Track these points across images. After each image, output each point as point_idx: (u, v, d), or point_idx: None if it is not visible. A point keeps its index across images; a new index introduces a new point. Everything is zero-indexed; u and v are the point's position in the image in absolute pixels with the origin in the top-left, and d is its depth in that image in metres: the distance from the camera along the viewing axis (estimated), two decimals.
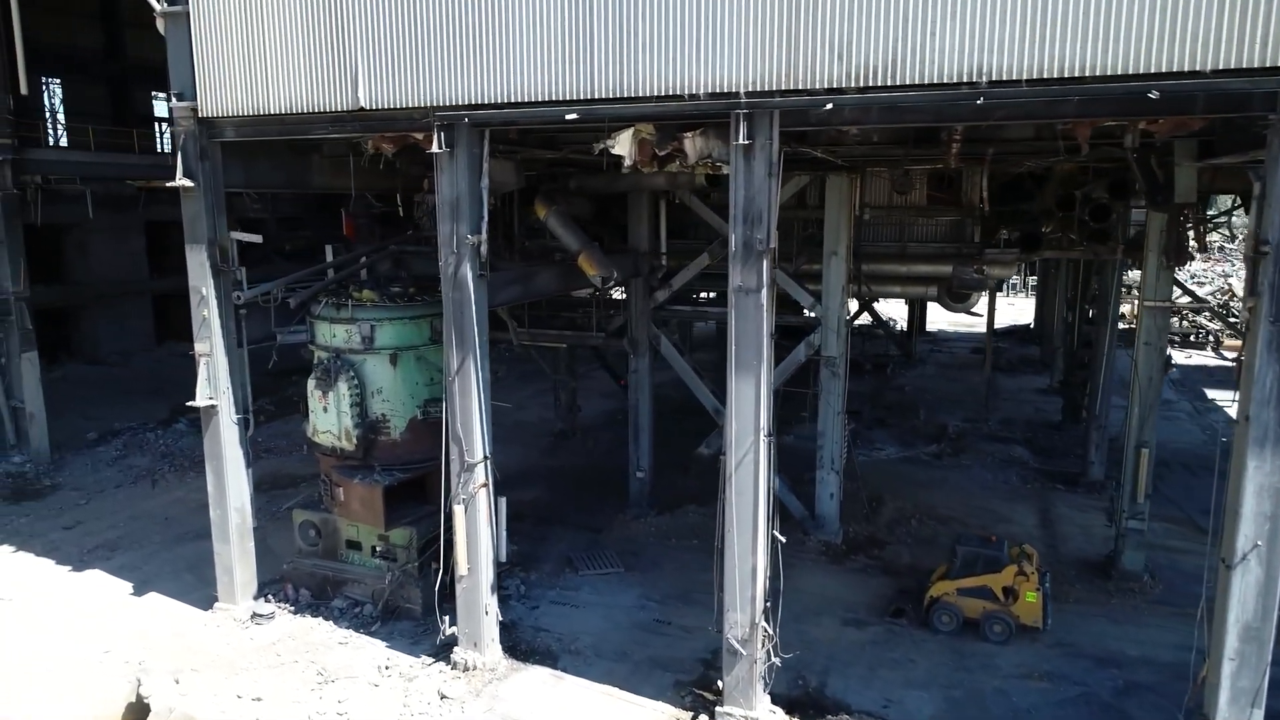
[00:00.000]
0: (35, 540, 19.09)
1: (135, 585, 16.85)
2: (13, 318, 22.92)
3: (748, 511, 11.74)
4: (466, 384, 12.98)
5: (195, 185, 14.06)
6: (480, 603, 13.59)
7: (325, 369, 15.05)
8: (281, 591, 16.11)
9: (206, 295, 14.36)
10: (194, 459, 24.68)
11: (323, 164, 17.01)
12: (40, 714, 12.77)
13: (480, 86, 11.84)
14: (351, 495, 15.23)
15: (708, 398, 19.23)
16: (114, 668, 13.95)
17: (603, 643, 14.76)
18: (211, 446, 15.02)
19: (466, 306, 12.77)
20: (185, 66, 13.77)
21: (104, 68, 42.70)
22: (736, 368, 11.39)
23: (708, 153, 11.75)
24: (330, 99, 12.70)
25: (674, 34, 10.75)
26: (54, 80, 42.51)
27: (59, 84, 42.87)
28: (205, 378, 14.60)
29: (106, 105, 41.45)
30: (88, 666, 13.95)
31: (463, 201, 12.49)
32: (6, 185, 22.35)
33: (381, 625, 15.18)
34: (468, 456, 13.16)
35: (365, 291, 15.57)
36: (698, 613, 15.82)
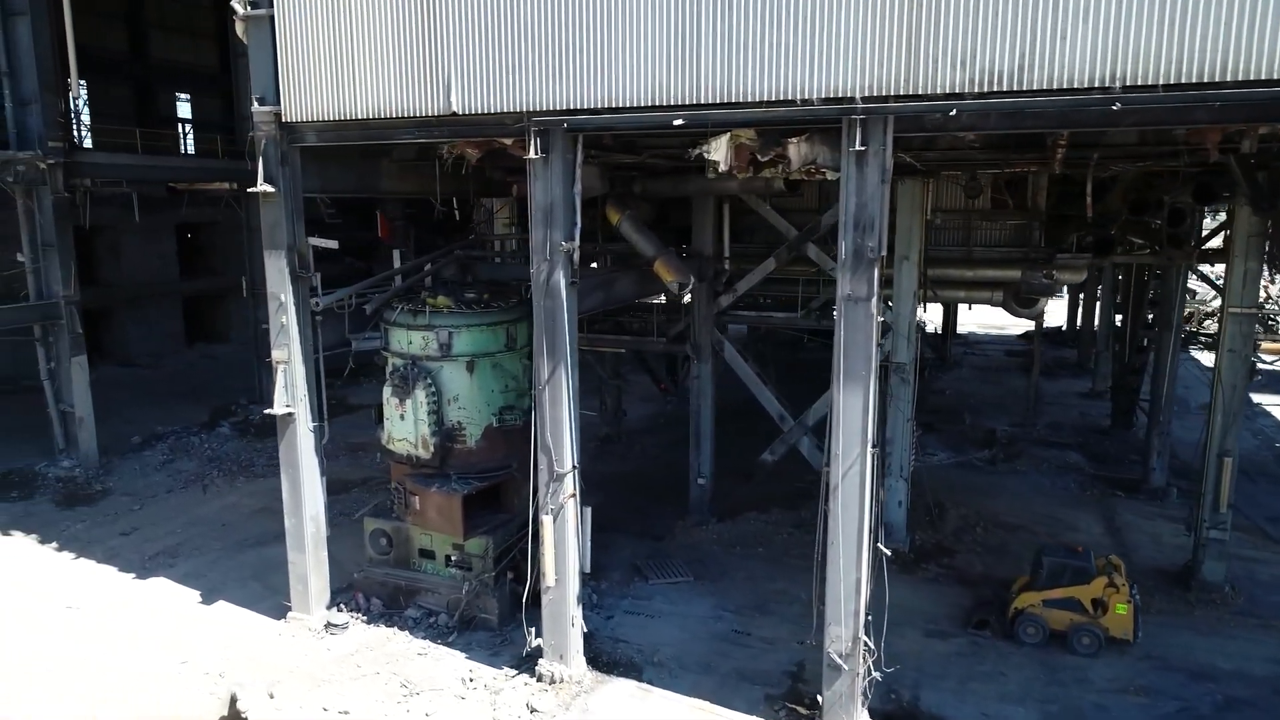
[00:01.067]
0: (94, 546, 18.94)
1: (203, 594, 16.68)
2: (63, 321, 22.77)
3: (853, 524, 11.52)
4: (557, 393, 12.78)
5: (276, 190, 13.87)
6: (566, 614, 13.40)
7: (402, 376, 14.86)
8: (353, 600, 15.94)
9: (285, 302, 14.17)
10: (241, 464, 24.63)
11: (390, 168, 16.82)
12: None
13: (579, 91, 11.64)
14: (428, 504, 15.04)
15: (772, 404, 19.04)
16: (194, 679, 13.78)
17: (684, 654, 14.55)
18: (288, 455, 14.83)
19: (559, 314, 12.57)
20: (268, 70, 13.61)
21: (128, 69, 42.68)
22: (844, 377, 11.19)
23: (812, 158, 11.54)
24: (421, 103, 12.51)
25: (786, 39, 10.54)
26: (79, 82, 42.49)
27: (84, 85, 42.89)
28: (283, 385, 14.41)
29: (130, 106, 41.36)
30: (169, 678, 13.77)
31: (556, 208, 12.30)
32: (58, 188, 22.18)
33: (458, 636, 14.98)
34: (557, 466, 12.96)
35: (440, 297, 15.39)
36: (775, 624, 15.68)
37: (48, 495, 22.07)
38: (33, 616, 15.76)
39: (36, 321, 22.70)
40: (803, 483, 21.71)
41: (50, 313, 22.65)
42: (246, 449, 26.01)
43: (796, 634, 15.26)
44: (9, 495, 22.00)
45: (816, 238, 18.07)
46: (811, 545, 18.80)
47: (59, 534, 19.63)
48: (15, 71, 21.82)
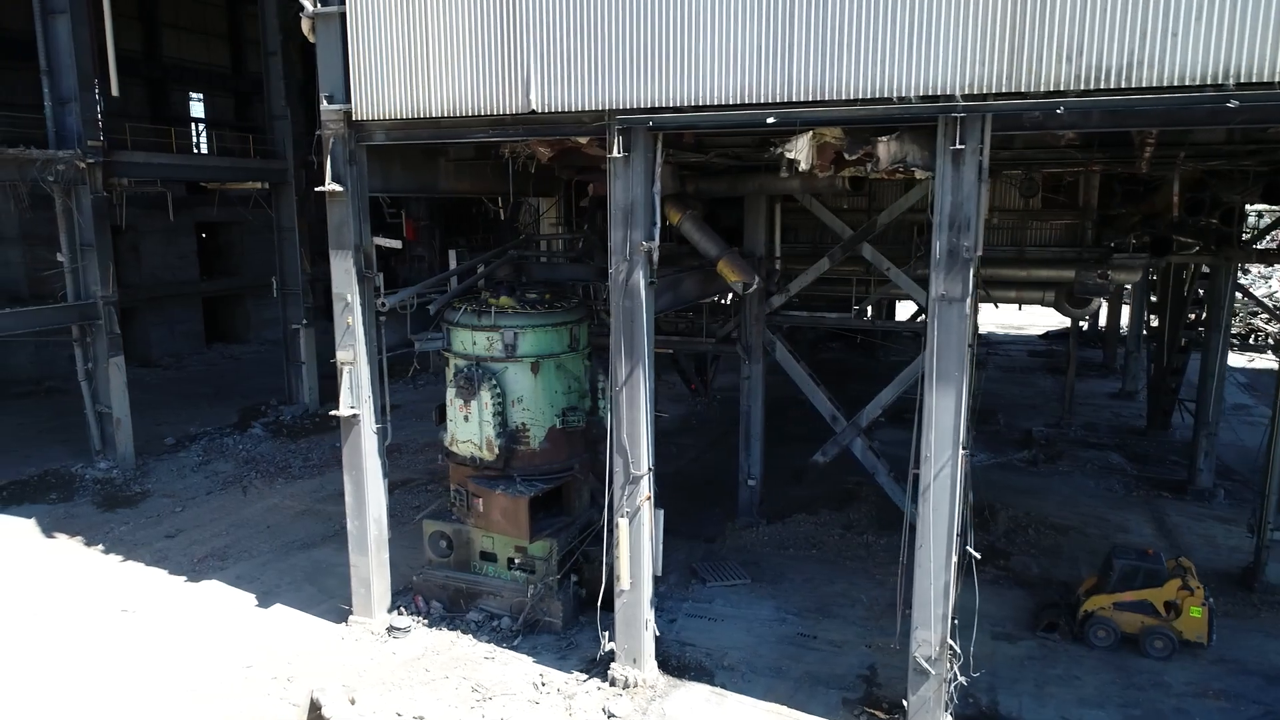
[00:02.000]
0: (141, 549, 18.78)
1: (258, 597, 16.52)
2: (101, 322, 22.60)
3: (943, 527, 11.39)
4: (635, 395, 12.65)
5: (344, 190, 13.72)
6: (640, 617, 13.27)
7: (467, 377, 14.71)
8: (412, 604, 15.79)
9: (351, 302, 14.02)
10: (278, 465, 24.48)
11: (448, 168, 16.66)
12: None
13: (664, 89, 11.50)
14: (492, 506, 14.89)
15: (825, 405, 18.89)
16: (262, 684, 13.63)
17: (754, 658, 14.41)
18: (351, 457, 14.68)
19: (638, 315, 12.43)
20: (337, 69, 13.45)
21: (142, 68, 42.52)
22: (937, 379, 11.06)
23: (901, 157, 11.41)
24: (499, 102, 12.36)
25: (885, 36, 10.41)
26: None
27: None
28: (348, 387, 14.26)
29: (145, 106, 41.17)
30: (237, 683, 13.62)
31: (637, 207, 12.16)
32: (97, 188, 22.02)
33: (523, 639, 14.83)
34: (633, 468, 12.82)
35: (503, 298, 15.24)
36: (839, 626, 15.56)
37: (87, 497, 21.91)
38: (90, 620, 15.60)
39: (75, 322, 22.53)
40: (847, 484, 21.67)
41: (89, 313, 22.49)
42: (281, 450, 25.84)
43: (863, 636, 15.18)
44: (48, 497, 21.83)
45: (872, 237, 17.94)
46: (864, 547, 18.86)
47: (104, 536, 19.47)
48: (54, 70, 21.68)
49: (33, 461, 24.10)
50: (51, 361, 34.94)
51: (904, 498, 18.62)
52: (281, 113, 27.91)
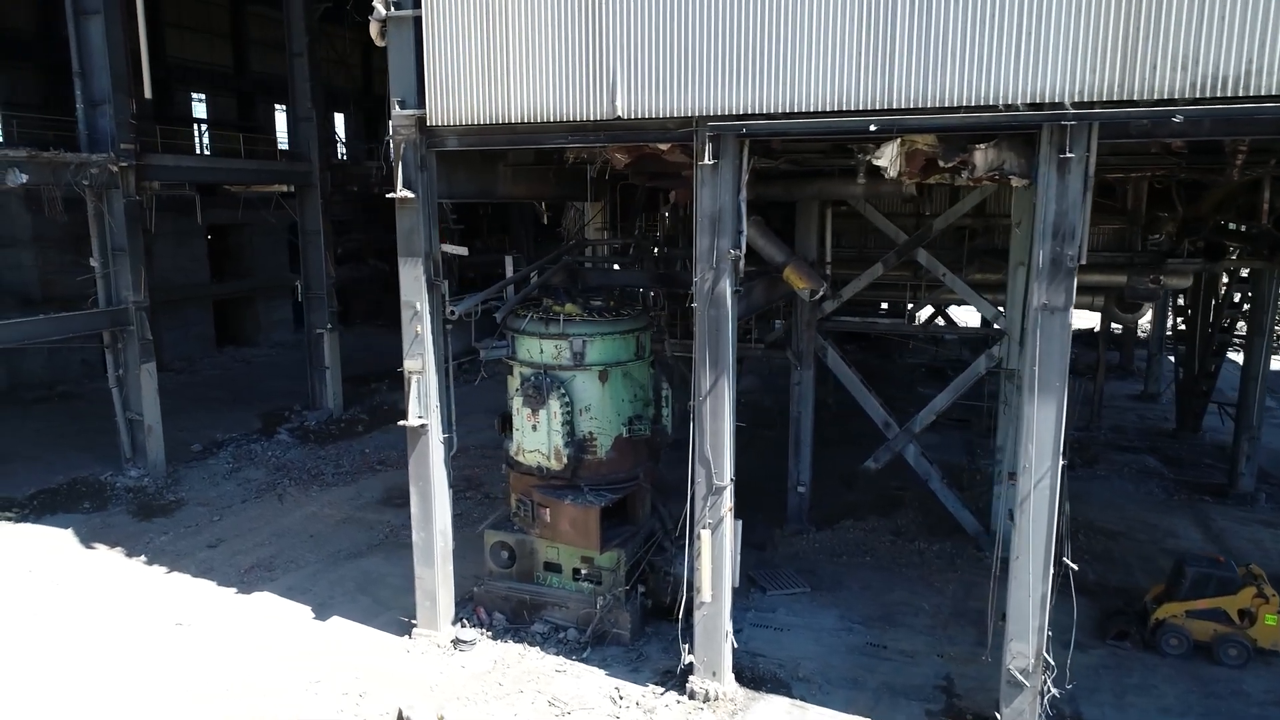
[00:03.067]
0: (185, 560, 18.46)
1: (314, 609, 16.25)
2: (133, 327, 22.24)
3: (1041, 538, 11.30)
4: (719, 405, 12.49)
5: (415, 196, 13.49)
6: (721, 629, 13.12)
7: (535, 386, 14.50)
8: (473, 616, 15.56)
9: (420, 311, 13.79)
10: (311, 472, 24.19)
11: (506, 173, 16.43)
12: None
13: (757, 96, 11.33)
14: (560, 516, 14.69)
15: (877, 411, 18.80)
16: (332, 699, 13.38)
17: (828, 669, 14.28)
18: (418, 468, 14.44)
19: (723, 324, 12.28)
20: (410, 73, 13.22)
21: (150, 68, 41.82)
22: (1039, 389, 10.94)
23: (998, 164, 11.29)
24: (582, 107, 12.16)
25: (991, 44, 10.28)
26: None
27: None
28: (416, 396, 14.01)
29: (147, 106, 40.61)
30: (306, 699, 13.37)
31: (725, 215, 12.00)
32: (130, 191, 21.66)
33: (592, 652, 14.63)
34: (716, 479, 12.67)
35: (568, 305, 15.06)
36: (907, 635, 15.44)
37: (121, 506, 21.56)
38: (144, 635, 15.30)
39: (107, 328, 22.18)
40: (889, 489, 21.59)
41: (120, 319, 22.15)
42: (311, 457, 25.53)
43: (932, 646, 15.06)
44: (81, 506, 21.47)
45: (927, 243, 17.86)
46: (917, 554, 18.76)
47: (144, 547, 19.13)
48: (87, 72, 21.30)
49: (59, 469, 23.69)
50: (64, 366, 34.50)
51: (958, 505, 18.69)
52: (307, 114, 27.59)
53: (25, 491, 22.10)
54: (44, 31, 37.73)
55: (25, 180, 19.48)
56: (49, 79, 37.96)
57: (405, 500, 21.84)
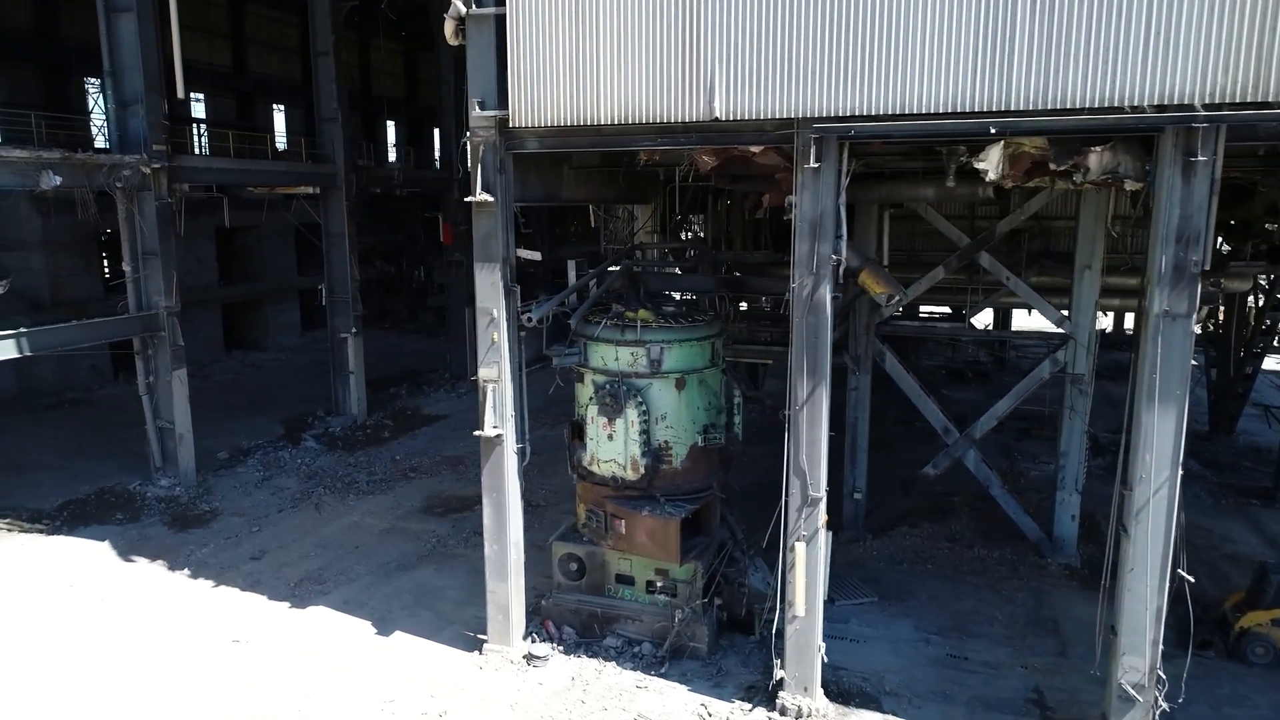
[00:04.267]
0: (230, 573, 17.95)
1: (374, 624, 15.79)
2: (164, 333, 21.66)
3: (1158, 548, 11.04)
4: (816, 414, 12.16)
5: (494, 200, 13.08)
6: (813, 644, 12.80)
7: (611, 394, 14.12)
8: (541, 630, 15.15)
9: (497, 317, 13.37)
10: (345, 481, 23.70)
11: (570, 175, 16.05)
12: None
13: (864, 97, 10.99)
14: (637, 528, 14.31)
15: (937, 416, 18.56)
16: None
17: (913, 682, 13.98)
18: (492, 479, 14.01)
19: (822, 331, 11.95)
20: (489, 73, 12.81)
21: None
22: (1159, 397, 10.70)
23: (1113, 167, 11.03)
24: (677, 109, 11.79)
25: (1117, 43, 9.99)
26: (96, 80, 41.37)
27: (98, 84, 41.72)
28: (491, 406, 13.59)
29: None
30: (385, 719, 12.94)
31: (825, 219, 11.67)
32: (162, 194, 21.09)
33: (670, 666, 14.26)
34: (812, 490, 12.33)
35: (641, 311, 14.69)
36: (986, 646, 15.17)
37: (155, 517, 20.99)
38: (202, 652, 14.81)
39: (138, 334, 21.59)
40: (935, 495, 21.33)
41: (151, 324, 21.56)
42: (342, 464, 25.02)
43: (1014, 657, 14.79)
44: (114, 518, 20.88)
45: (990, 246, 17.62)
46: (978, 561, 18.50)
47: (186, 559, 18.60)
48: (118, 71, 20.75)
49: (84, 479, 23.08)
50: (73, 372, 33.78)
51: (1019, 511, 18.44)
52: (332, 115, 27.06)
53: (53, 502, 21.51)
54: (43, 31, 37.12)
55: (59, 182, 18.90)
56: (48, 79, 37.31)
57: (447, 509, 21.66)
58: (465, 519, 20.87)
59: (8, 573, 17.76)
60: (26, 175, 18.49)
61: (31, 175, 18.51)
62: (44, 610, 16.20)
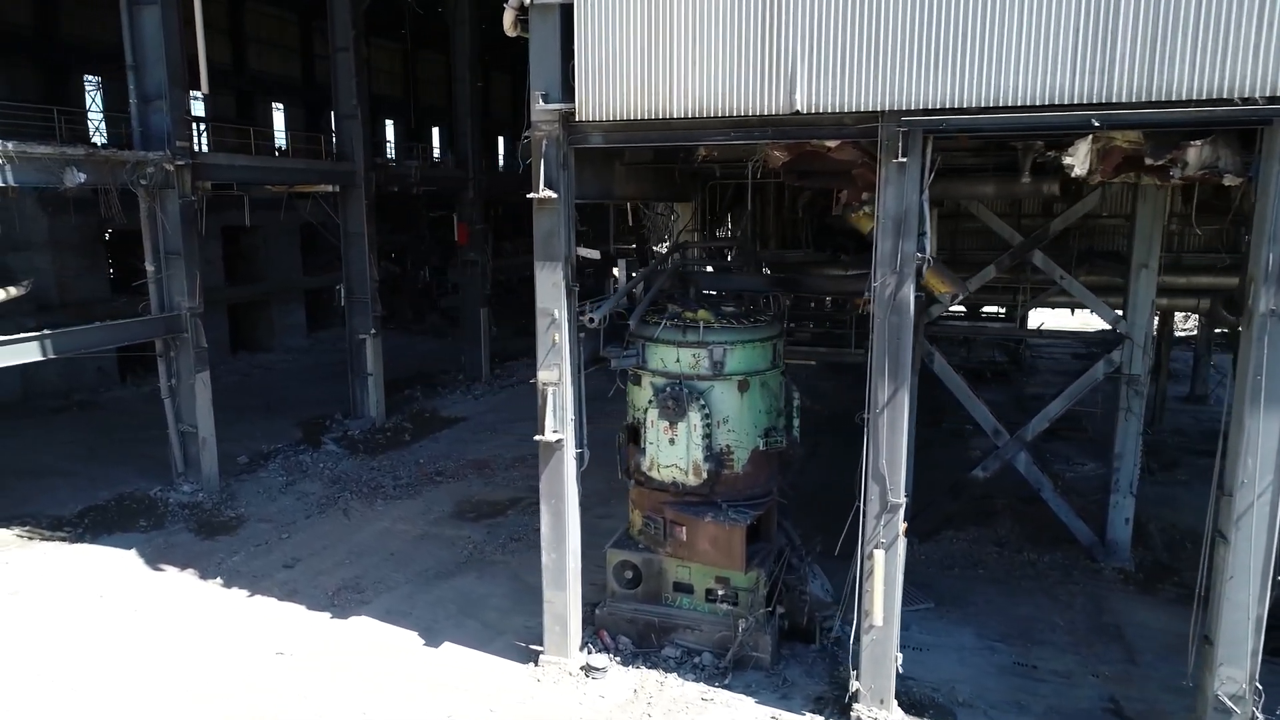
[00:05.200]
0: (264, 582, 17.42)
1: (420, 635, 15.29)
2: (187, 335, 21.10)
3: (1260, 557, 10.67)
4: (897, 417, 11.77)
5: (556, 197, 12.63)
6: (890, 655, 12.41)
7: (673, 397, 13.69)
8: (596, 640, 14.71)
9: (558, 318, 12.91)
10: (370, 485, 23.19)
11: (621, 172, 15.60)
12: None
13: (955, 89, 10.59)
14: (699, 535, 13.90)
15: (987, 418, 18.22)
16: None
17: (985, 692, 13.60)
18: (551, 485, 13.55)
19: (905, 332, 11.56)
20: (553, 65, 12.36)
21: None
22: (1265, 399, 10.33)
23: (1212, 162, 10.69)
24: (755, 102, 11.36)
25: (1227, 34, 9.63)
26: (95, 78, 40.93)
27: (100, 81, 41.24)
28: (551, 409, 13.13)
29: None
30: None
31: (910, 215, 11.29)
32: (185, 192, 20.53)
33: (734, 677, 13.83)
34: (891, 496, 11.94)
35: (700, 311, 14.27)
36: (1053, 654, 14.81)
37: (180, 524, 20.42)
38: (246, 666, 14.30)
39: (160, 336, 21.03)
40: (974, 498, 20.97)
41: (174, 326, 20.99)
42: (365, 468, 24.49)
43: (1083, 665, 14.44)
44: (137, 525, 20.30)
45: (1044, 244, 17.29)
46: (1029, 565, 18.15)
47: (216, 568, 18.06)
48: (140, 65, 20.16)
49: (101, 485, 22.49)
50: (79, 374, 33.09)
51: (1070, 514, 18.11)
52: (350, 112, 26.51)
53: (72, 509, 20.92)
54: (42, 28, 36.55)
55: (83, 180, 18.34)
56: (46, 77, 36.68)
57: (479, 515, 21.17)
58: (499, 524, 20.41)
59: (35, 582, 17.19)
60: (50, 172, 17.92)
61: (55, 172, 17.95)
62: (77, 623, 15.64)
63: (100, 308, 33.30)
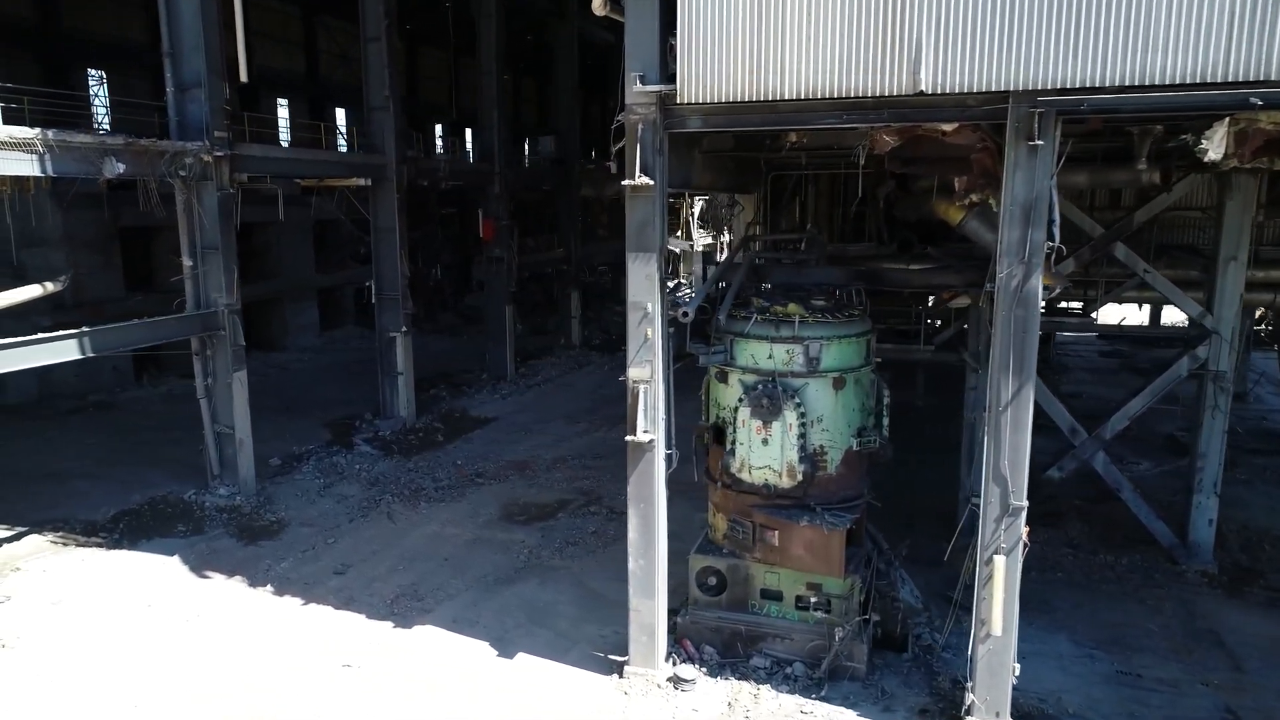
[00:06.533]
0: (317, 589, 16.69)
1: (492, 645, 14.60)
2: (224, 332, 20.34)
3: None
4: (1021, 416, 11.15)
5: (653, 184, 11.96)
6: (1007, 666, 11.80)
7: (768, 395, 13.04)
8: (679, 649, 14.04)
9: (651, 313, 12.25)
10: (411, 488, 22.46)
11: (699, 160, 14.94)
12: None
13: (1095, 68, 9.98)
14: (793, 539, 13.25)
15: (1064, 416, 17.62)
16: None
17: (1094, 703, 13.01)
18: (641, 488, 12.88)
19: (1031, 325, 10.94)
20: (651, 44, 11.69)
21: (148, 59, 40.18)
22: None
23: None
24: (875, 82, 10.71)
25: None
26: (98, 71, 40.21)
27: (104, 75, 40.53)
28: (643, 408, 12.46)
29: (150, 96, 38.49)
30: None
31: (1040, 202, 10.67)
32: (224, 184, 19.76)
33: (830, 688, 13.19)
34: (1014, 499, 11.33)
35: (790, 305, 13.63)
36: (1155, 661, 14.25)
37: (220, 528, 19.64)
38: (315, 680, 13.59)
39: (197, 334, 20.28)
40: (1040, 498, 20.39)
41: (211, 323, 20.23)
42: (401, 470, 23.75)
43: (1188, 673, 13.87)
44: (176, 529, 19.52)
45: (1126, 236, 16.73)
46: (1107, 568, 17.57)
47: (265, 574, 17.31)
48: (177, 52, 19.40)
49: (132, 488, 21.68)
50: (95, 374, 32.17)
51: (1150, 516, 17.54)
52: (382, 104, 25.76)
53: (105, 513, 20.11)
54: (44, 21, 35.74)
55: (122, 170, 17.56)
56: (48, 71, 35.81)
57: (528, 518, 20.46)
58: (551, 527, 19.72)
59: (77, 591, 16.41)
60: (90, 162, 17.14)
61: (95, 162, 17.17)
62: (129, 635, 14.88)
63: (114, 306, 32.43)
